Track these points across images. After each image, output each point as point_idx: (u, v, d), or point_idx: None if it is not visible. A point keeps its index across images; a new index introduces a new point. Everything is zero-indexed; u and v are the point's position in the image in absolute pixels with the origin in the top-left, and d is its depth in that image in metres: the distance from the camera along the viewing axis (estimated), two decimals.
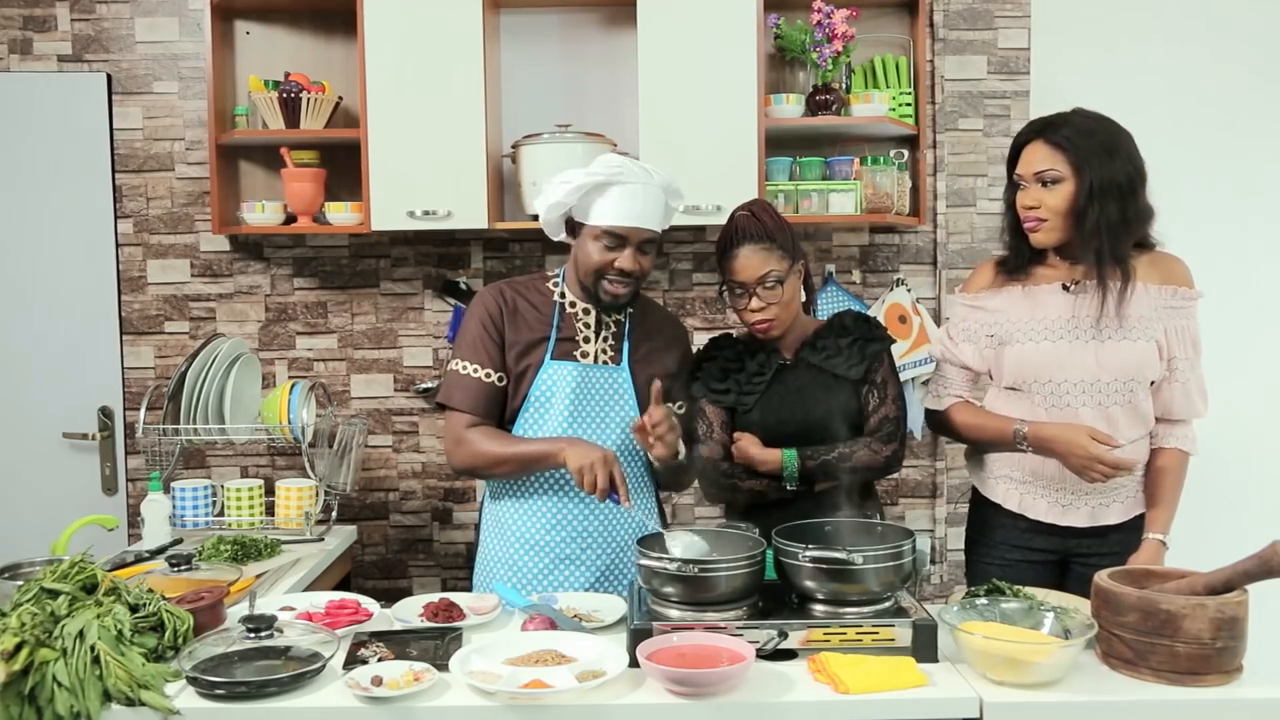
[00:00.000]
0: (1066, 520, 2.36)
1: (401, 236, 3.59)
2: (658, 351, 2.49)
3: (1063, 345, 2.32)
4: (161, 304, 3.63)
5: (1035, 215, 2.31)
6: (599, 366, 2.42)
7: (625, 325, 2.47)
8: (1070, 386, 2.31)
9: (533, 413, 2.40)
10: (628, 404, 2.43)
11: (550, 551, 2.41)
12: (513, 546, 2.44)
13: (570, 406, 2.38)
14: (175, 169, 3.60)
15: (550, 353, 2.40)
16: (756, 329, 2.40)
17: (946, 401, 2.50)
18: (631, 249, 2.32)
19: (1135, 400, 2.31)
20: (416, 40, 3.19)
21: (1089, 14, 3.60)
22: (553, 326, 2.42)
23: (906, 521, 3.65)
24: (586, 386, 2.40)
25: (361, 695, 1.78)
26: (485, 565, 2.50)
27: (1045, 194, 2.29)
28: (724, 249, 2.39)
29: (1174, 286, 2.31)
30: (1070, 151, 2.27)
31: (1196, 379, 2.34)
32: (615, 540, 2.43)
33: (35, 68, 3.57)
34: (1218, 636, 1.79)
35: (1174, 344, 2.31)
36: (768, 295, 2.34)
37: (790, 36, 3.35)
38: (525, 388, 2.40)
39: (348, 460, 3.24)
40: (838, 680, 1.81)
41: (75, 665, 1.78)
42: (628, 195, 2.29)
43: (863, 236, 3.65)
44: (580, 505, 2.40)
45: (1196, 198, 3.54)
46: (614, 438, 2.41)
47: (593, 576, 2.42)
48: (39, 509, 3.53)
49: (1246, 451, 3.56)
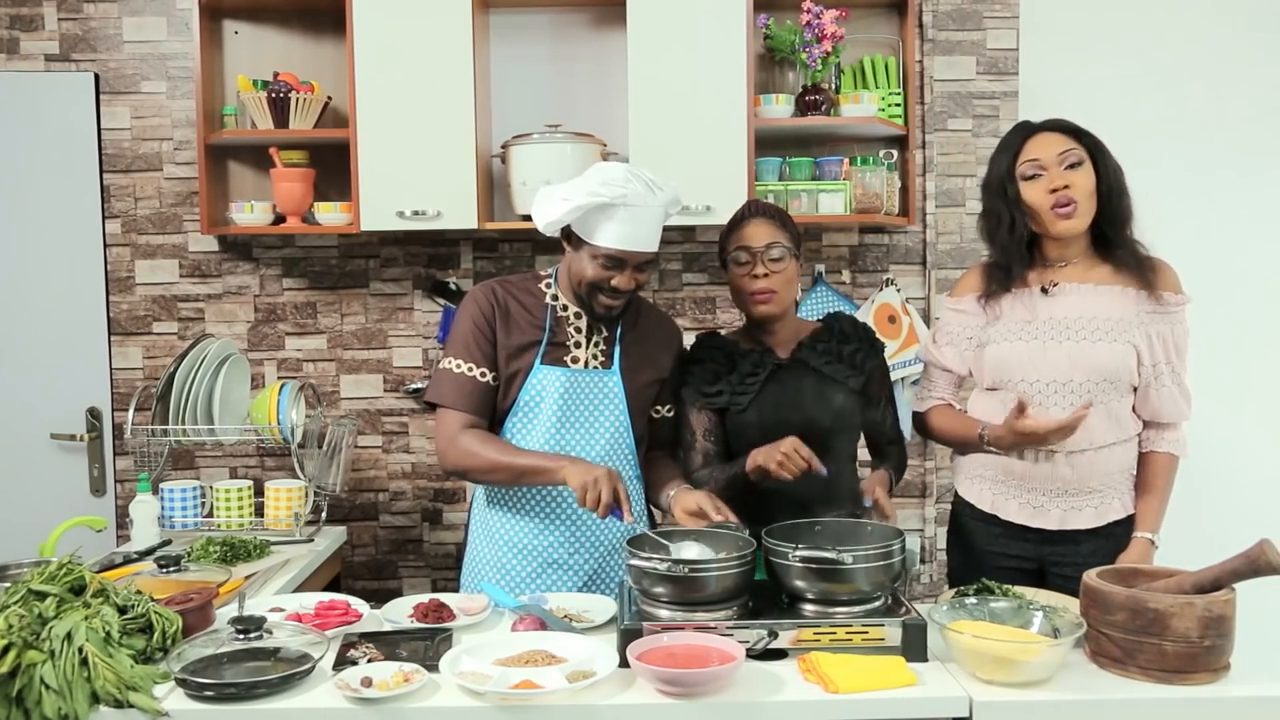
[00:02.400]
0: (1037, 522, 2.35)
1: (391, 237, 3.58)
2: (650, 355, 2.47)
3: (1035, 345, 2.32)
4: (150, 304, 3.62)
5: (1068, 195, 2.27)
6: (589, 371, 2.40)
7: (617, 329, 2.45)
8: (1043, 386, 2.31)
9: (521, 417, 2.39)
10: (618, 409, 2.41)
11: (539, 555, 2.40)
12: (501, 550, 2.43)
13: (558, 412, 2.36)
14: (163, 169, 3.59)
15: (541, 357, 2.38)
16: (757, 299, 2.37)
17: (928, 404, 2.51)
18: (629, 269, 2.31)
19: (1110, 403, 2.30)
20: (406, 40, 3.18)
21: (1077, 15, 3.62)
22: (545, 330, 2.40)
23: (897, 520, 3.65)
24: (575, 392, 2.38)
25: (351, 696, 1.78)
26: (473, 567, 2.50)
27: (1073, 175, 2.27)
28: (734, 224, 2.41)
29: (1159, 292, 2.31)
30: (1084, 139, 2.30)
31: (1181, 384, 2.34)
32: (603, 544, 2.42)
33: (22, 67, 3.56)
34: (1205, 635, 1.80)
35: (1158, 349, 2.30)
36: (773, 266, 2.35)
37: (780, 37, 3.36)
38: (515, 391, 2.38)
39: (337, 461, 3.23)
40: (828, 680, 1.81)
41: (63, 667, 1.77)
42: (631, 219, 2.25)
43: (852, 236, 3.66)
44: (569, 509, 2.39)
45: (1184, 198, 3.56)
46: (603, 442, 2.39)
47: (581, 580, 2.41)
48: (27, 510, 3.51)
49: (1234, 451, 3.58)
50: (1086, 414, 2.16)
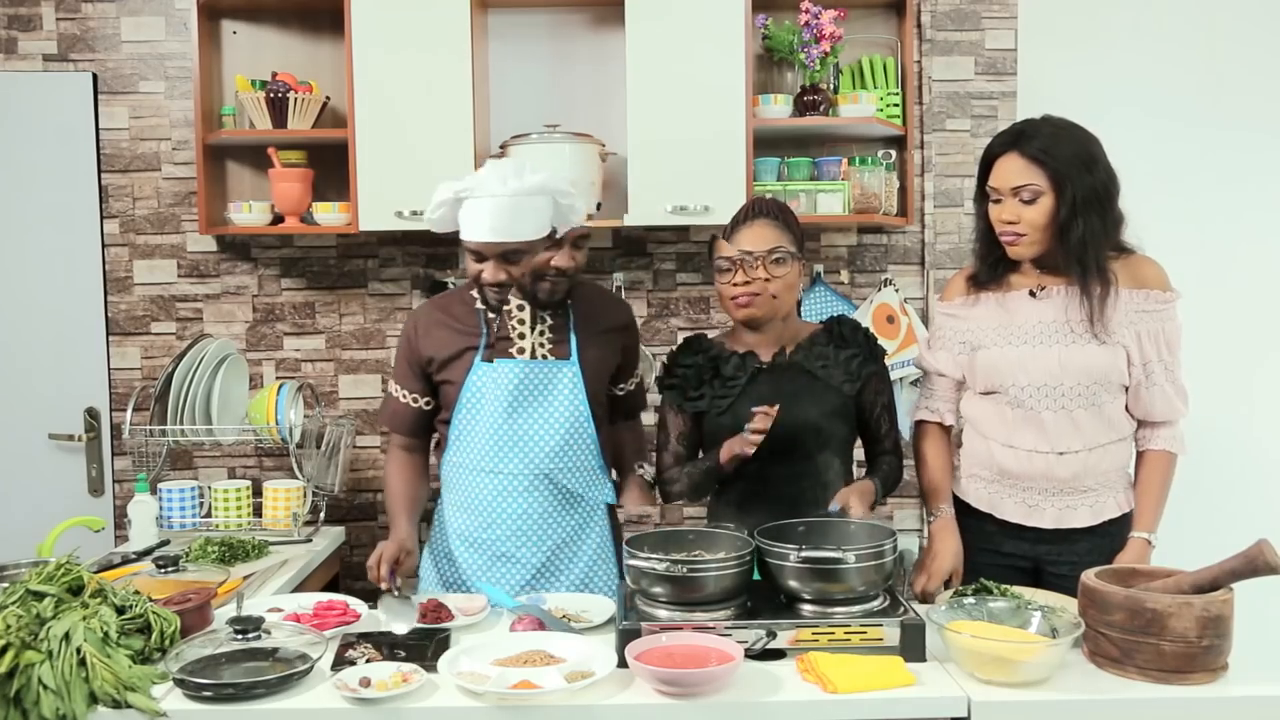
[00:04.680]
0: (1032, 521, 2.36)
1: (389, 237, 3.58)
2: (604, 339, 2.52)
3: (1026, 349, 2.32)
4: (148, 304, 3.62)
5: (1014, 230, 2.28)
6: (539, 362, 2.44)
7: (568, 319, 2.48)
8: (1034, 390, 2.31)
9: (464, 414, 2.44)
10: (575, 398, 2.44)
11: (487, 549, 2.46)
12: (454, 542, 2.50)
13: (508, 404, 2.40)
14: (162, 169, 3.59)
15: (480, 355, 2.42)
16: (738, 303, 2.34)
17: (923, 415, 2.51)
18: (492, 261, 2.33)
19: (1101, 404, 2.30)
20: (404, 40, 3.18)
21: (1076, 15, 3.61)
22: (480, 333, 2.45)
23: (894, 521, 3.66)
24: (527, 383, 2.42)
25: (350, 696, 1.78)
26: (429, 559, 2.57)
27: (1025, 209, 2.25)
28: (736, 222, 2.38)
29: (1146, 290, 2.30)
30: (1048, 165, 2.23)
31: (1174, 381, 2.33)
32: (550, 539, 2.46)
33: (20, 67, 3.55)
34: (1204, 635, 1.80)
35: (1148, 348, 2.30)
36: (774, 270, 2.33)
37: (778, 37, 3.36)
38: (454, 394, 2.44)
39: (335, 461, 3.23)
40: (826, 680, 1.82)
41: (61, 667, 1.77)
42: (474, 209, 2.30)
43: (850, 237, 3.66)
44: (516, 502, 2.43)
45: (1180, 197, 3.56)
46: (560, 432, 2.43)
47: (529, 573, 2.45)
48: (25, 510, 3.51)
49: (1232, 450, 3.57)
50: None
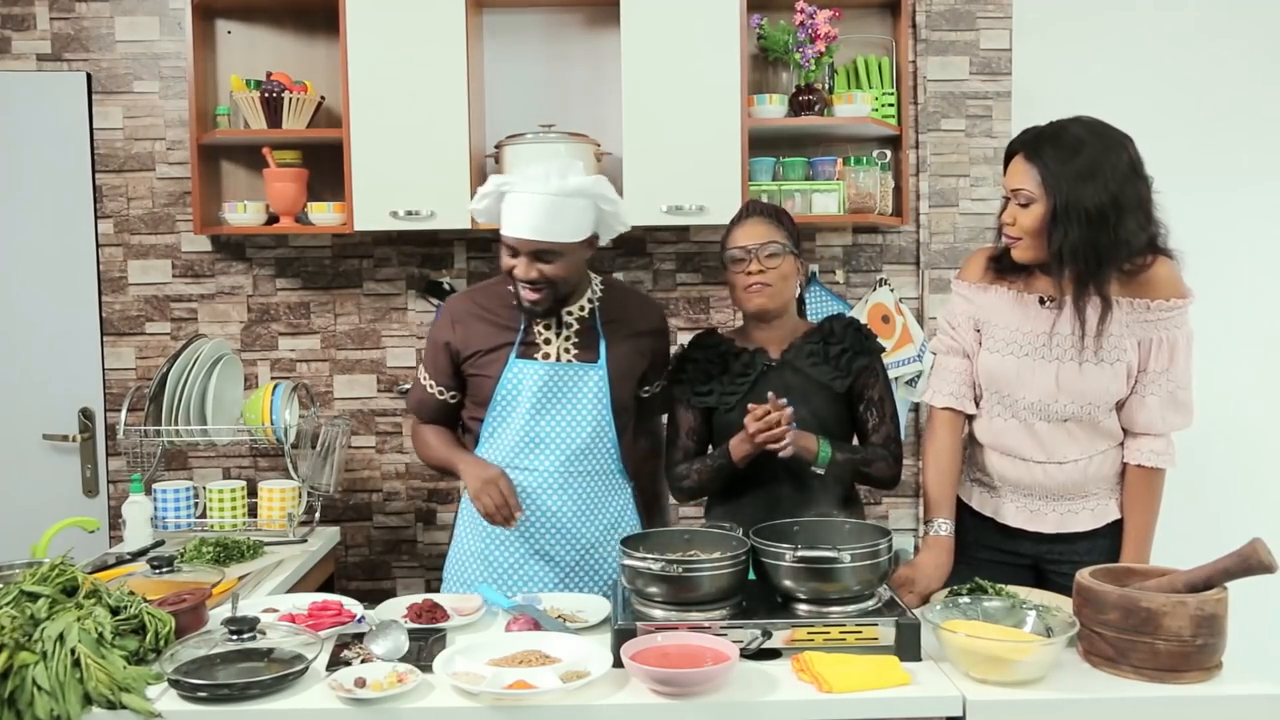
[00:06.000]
0: (1035, 525, 2.35)
1: (384, 237, 3.58)
2: (634, 342, 2.51)
3: (1025, 362, 2.29)
4: (142, 305, 3.61)
5: (1009, 233, 2.27)
6: (566, 365, 2.44)
7: (595, 322, 2.48)
8: (1029, 404, 2.29)
9: (499, 410, 2.45)
10: (600, 403, 2.44)
11: (522, 546, 2.45)
12: (486, 541, 2.49)
13: (534, 405, 2.41)
14: (156, 169, 3.58)
15: (515, 352, 2.43)
16: (748, 294, 2.37)
17: (935, 399, 2.43)
18: (525, 258, 2.32)
19: (1096, 417, 2.28)
20: (399, 40, 3.18)
21: (1070, 15, 3.62)
22: (518, 328, 2.45)
23: (890, 520, 3.66)
24: (552, 386, 2.42)
25: (345, 697, 1.78)
26: (458, 558, 2.56)
27: (1020, 213, 2.23)
28: (734, 223, 2.43)
29: (1148, 299, 2.22)
30: (1042, 171, 2.18)
31: (1170, 391, 2.25)
32: (586, 537, 2.46)
33: (14, 67, 3.54)
34: (1198, 634, 1.80)
35: (1145, 356, 2.24)
36: (768, 263, 2.35)
37: (773, 37, 3.36)
38: (488, 390, 2.44)
39: (330, 461, 3.23)
40: (821, 679, 1.82)
41: (55, 668, 1.76)
42: (515, 205, 2.30)
43: (846, 237, 3.66)
44: (553, 500, 2.43)
45: (1179, 198, 3.54)
46: (584, 435, 2.43)
47: (563, 571, 2.46)
48: (19, 511, 3.50)
49: (1227, 450, 3.57)
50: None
